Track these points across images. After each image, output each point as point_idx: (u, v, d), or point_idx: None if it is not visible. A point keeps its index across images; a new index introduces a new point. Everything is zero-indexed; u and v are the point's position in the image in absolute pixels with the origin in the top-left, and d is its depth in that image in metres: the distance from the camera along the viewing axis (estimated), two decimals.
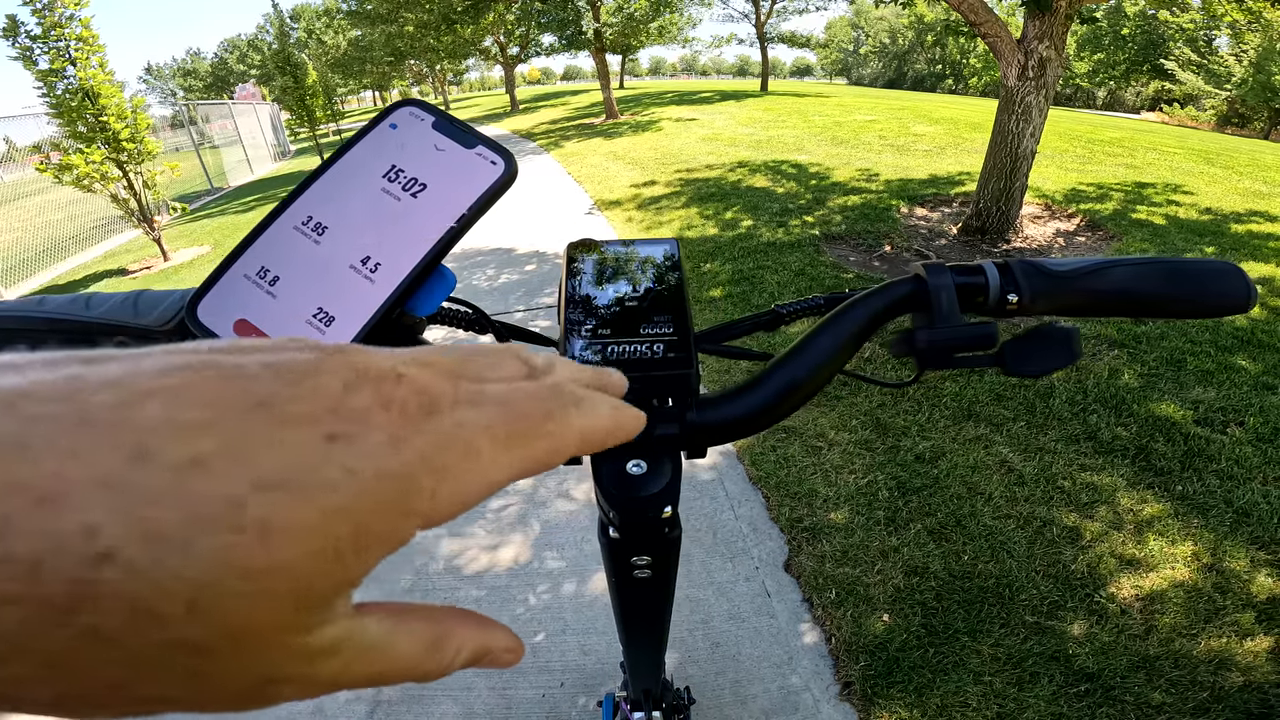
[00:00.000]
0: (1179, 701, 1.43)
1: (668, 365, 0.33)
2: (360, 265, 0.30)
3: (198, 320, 0.30)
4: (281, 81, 12.99)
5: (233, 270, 0.30)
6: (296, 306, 0.30)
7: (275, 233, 0.31)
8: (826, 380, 0.37)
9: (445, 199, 0.31)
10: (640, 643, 0.64)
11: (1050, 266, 0.38)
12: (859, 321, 0.38)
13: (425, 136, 0.32)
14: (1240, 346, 2.82)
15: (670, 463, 0.33)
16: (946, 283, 0.37)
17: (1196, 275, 0.38)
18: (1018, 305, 0.38)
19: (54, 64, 5.11)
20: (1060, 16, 3.63)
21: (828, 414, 2.50)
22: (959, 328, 0.36)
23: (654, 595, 0.46)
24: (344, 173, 0.32)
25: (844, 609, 1.69)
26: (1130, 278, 0.38)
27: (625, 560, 0.39)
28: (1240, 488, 2.02)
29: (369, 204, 0.31)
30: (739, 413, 0.35)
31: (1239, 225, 4.62)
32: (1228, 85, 23.08)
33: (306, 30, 34.40)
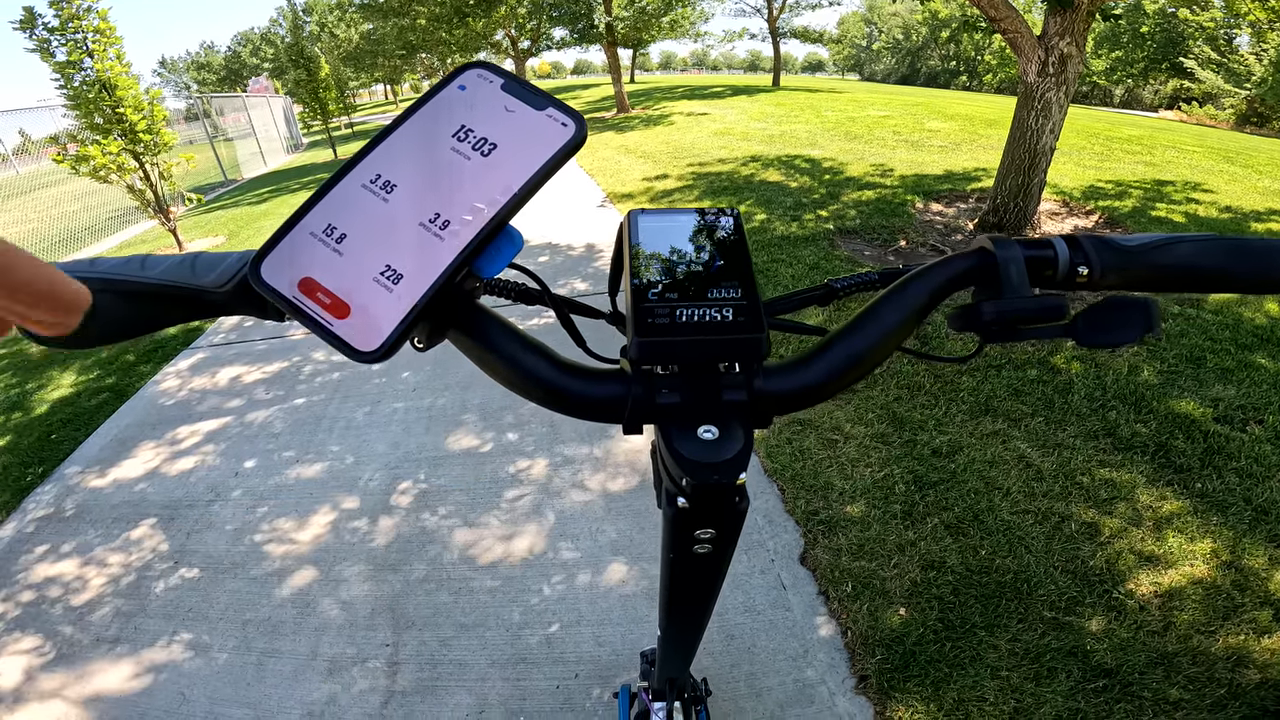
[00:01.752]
0: (1196, 698, 1.42)
1: (738, 329, 0.32)
2: (429, 223, 0.30)
3: (261, 279, 0.30)
4: (294, 75, 13.04)
5: (298, 228, 0.30)
6: (364, 264, 0.29)
7: (343, 190, 0.31)
8: (888, 354, 0.37)
9: (516, 159, 0.31)
10: (682, 626, 0.63)
11: (1119, 241, 0.37)
12: (922, 294, 0.37)
13: (495, 98, 0.32)
14: (1260, 345, 2.78)
15: (742, 429, 0.32)
16: (1016, 255, 0.36)
17: (1261, 252, 0.37)
18: (1087, 279, 0.37)
19: (71, 56, 5.14)
20: (1082, 13, 3.58)
21: (843, 407, 2.49)
22: (1029, 299, 0.35)
23: (709, 572, 0.45)
24: (413, 132, 0.32)
25: (860, 602, 1.68)
26: (1196, 253, 0.37)
27: (688, 533, 0.38)
28: (1260, 485, 2.00)
29: (439, 162, 0.31)
30: (803, 383, 0.35)
31: (1259, 224, 4.55)
32: (1248, 84, 22.71)
33: (319, 23, 34.47)
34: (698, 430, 0.32)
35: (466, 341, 0.35)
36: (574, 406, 0.35)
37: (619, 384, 0.34)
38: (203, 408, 3.00)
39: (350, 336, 0.29)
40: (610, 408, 0.34)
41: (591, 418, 0.35)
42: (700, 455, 0.31)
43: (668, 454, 0.32)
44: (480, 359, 0.36)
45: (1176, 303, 3.17)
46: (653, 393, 0.33)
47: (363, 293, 0.29)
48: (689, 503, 0.34)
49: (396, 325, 0.29)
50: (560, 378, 0.35)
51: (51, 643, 1.81)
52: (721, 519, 0.37)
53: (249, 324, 4.01)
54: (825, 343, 0.36)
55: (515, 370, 0.35)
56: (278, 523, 2.18)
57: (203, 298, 0.33)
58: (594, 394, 0.34)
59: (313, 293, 0.29)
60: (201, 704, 1.60)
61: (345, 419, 2.76)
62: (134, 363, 3.62)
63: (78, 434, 2.91)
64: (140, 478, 2.52)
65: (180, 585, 1.97)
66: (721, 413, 0.33)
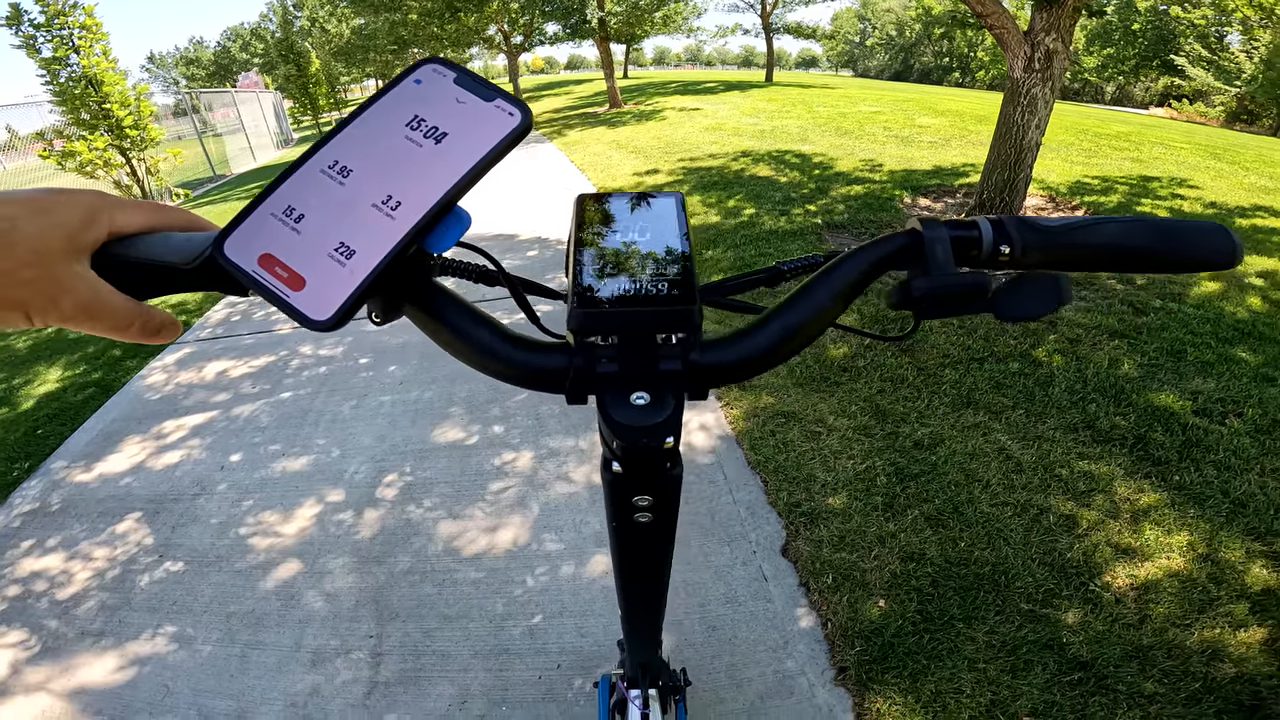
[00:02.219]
0: (1171, 692, 1.43)
1: (672, 302, 0.34)
2: (382, 204, 0.32)
3: (225, 255, 0.32)
4: (285, 70, 12.98)
5: (259, 210, 0.32)
6: (320, 241, 0.32)
7: (302, 176, 0.33)
8: (823, 328, 0.39)
9: (465, 145, 0.33)
10: (638, 604, 0.64)
11: (1041, 222, 0.39)
12: (856, 272, 0.39)
13: (447, 90, 0.34)
14: (1241, 338, 2.81)
15: (673, 397, 0.34)
16: (942, 235, 0.38)
17: (1183, 232, 0.39)
18: (1009, 257, 0.39)
19: (57, 52, 5.13)
20: (1068, 9, 3.60)
21: (827, 399, 2.51)
22: (953, 276, 0.37)
23: (654, 543, 0.47)
24: (369, 123, 0.34)
25: (840, 594, 1.70)
26: (1118, 234, 0.39)
27: (627, 500, 0.40)
28: (1237, 479, 2.02)
29: (392, 149, 0.33)
30: (739, 355, 0.37)
31: (1243, 219, 4.59)
32: (1238, 82, 22.85)
33: (310, 18, 34.19)
34: (630, 397, 0.34)
35: (420, 316, 0.38)
36: (519, 377, 0.37)
37: (562, 356, 0.36)
38: (189, 402, 3.00)
39: (304, 307, 0.31)
40: (553, 378, 0.36)
41: (536, 388, 0.37)
42: (631, 419, 0.33)
43: (602, 420, 0.34)
44: (433, 332, 0.38)
45: (1158, 297, 3.20)
46: (593, 363, 0.35)
47: (317, 267, 0.31)
48: (623, 468, 0.36)
49: (347, 297, 0.31)
50: (506, 349, 0.37)
51: (37, 636, 1.81)
52: (656, 485, 0.38)
53: (236, 319, 3.99)
54: (762, 318, 0.38)
55: (465, 342, 0.37)
56: (263, 516, 2.18)
57: (170, 273, 0.35)
58: (538, 364, 0.36)
59: (271, 267, 0.31)
60: (185, 695, 1.61)
61: (332, 412, 2.76)
62: (120, 358, 3.61)
63: (64, 429, 2.90)
64: (126, 472, 2.52)
65: (165, 579, 1.97)
66: (657, 381, 0.34)
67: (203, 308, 4.27)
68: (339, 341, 3.45)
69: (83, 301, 0.31)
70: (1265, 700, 1.40)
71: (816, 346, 2.88)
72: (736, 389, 2.62)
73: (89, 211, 0.32)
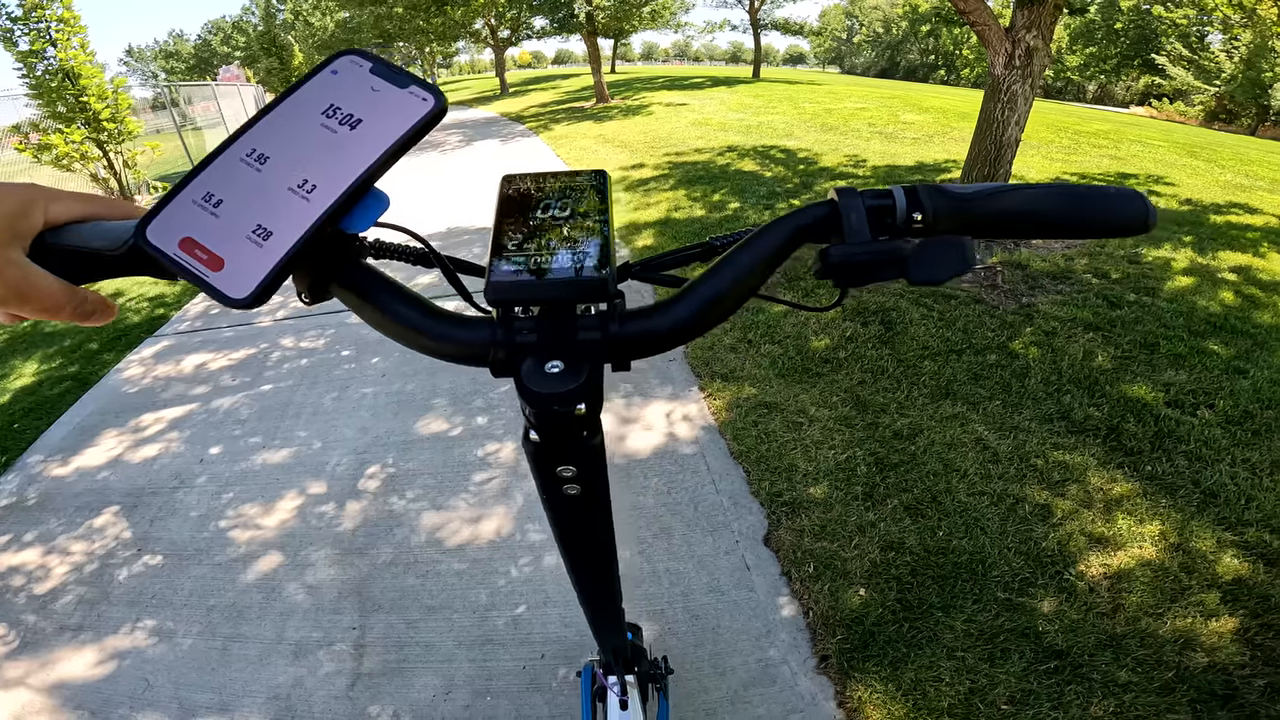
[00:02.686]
0: (1145, 680, 1.45)
1: (588, 274, 0.35)
2: (298, 188, 0.33)
3: (146, 239, 0.33)
4: (267, 63, 12.82)
5: (179, 197, 0.33)
6: (238, 224, 0.33)
7: (220, 164, 0.34)
8: (745, 298, 0.40)
9: (379, 130, 0.34)
10: (591, 584, 0.64)
11: (954, 189, 0.40)
12: (776, 241, 0.40)
13: (363, 79, 0.36)
14: (1213, 331, 2.87)
15: (588, 365, 0.35)
16: (857, 204, 0.39)
17: (1096, 197, 0.40)
18: (922, 223, 0.39)
19: (34, 45, 5.05)
20: (1049, 7, 3.64)
21: (808, 390, 2.53)
22: (868, 244, 0.38)
23: (587, 516, 0.47)
24: (286, 112, 0.35)
25: (822, 583, 1.72)
26: (1031, 200, 0.40)
27: (551, 470, 0.41)
28: (1208, 469, 2.07)
29: (308, 136, 0.34)
30: (659, 326, 0.38)
31: (1218, 216, 4.68)
32: (1217, 81, 23.24)
33: (293, 11, 33.73)
34: (546, 365, 0.35)
35: (348, 295, 0.39)
36: (444, 351, 0.38)
37: (486, 329, 0.37)
38: (167, 395, 2.96)
39: (223, 286, 0.32)
40: (477, 351, 0.37)
41: (461, 361, 0.38)
42: (543, 386, 0.34)
43: (518, 388, 0.35)
44: (359, 309, 0.39)
45: (1133, 291, 3.26)
46: (513, 334, 0.36)
47: (236, 248, 0.32)
48: (540, 436, 0.38)
49: (265, 275, 0.32)
50: (431, 325, 0.38)
51: (15, 631, 1.79)
52: (575, 454, 0.39)
53: (215, 311, 3.95)
54: (683, 290, 0.39)
55: (390, 319, 0.38)
56: (244, 509, 2.16)
57: (97, 259, 0.36)
58: (462, 338, 0.37)
59: (192, 250, 0.32)
60: (165, 689, 1.60)
61: (313, 405, 2.74)
62: (97, 351, 3.56)
63: (39, 423, 2.85)
64: (104, 465, 2.48)
65: (144, 572, 1.95)
66: (576, 351, 0.35)
67: (181, 300, 4.22)
68: (320, 334, 3.43)
69: (13, 284, 0.33)
70: (1239, 690, 1.42)
71: (798, 338, 2.90)
72: (718, 380, 2.63)
73: (23, 203, 0.34)
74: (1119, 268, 3.56)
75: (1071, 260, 3.67)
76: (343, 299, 0.39)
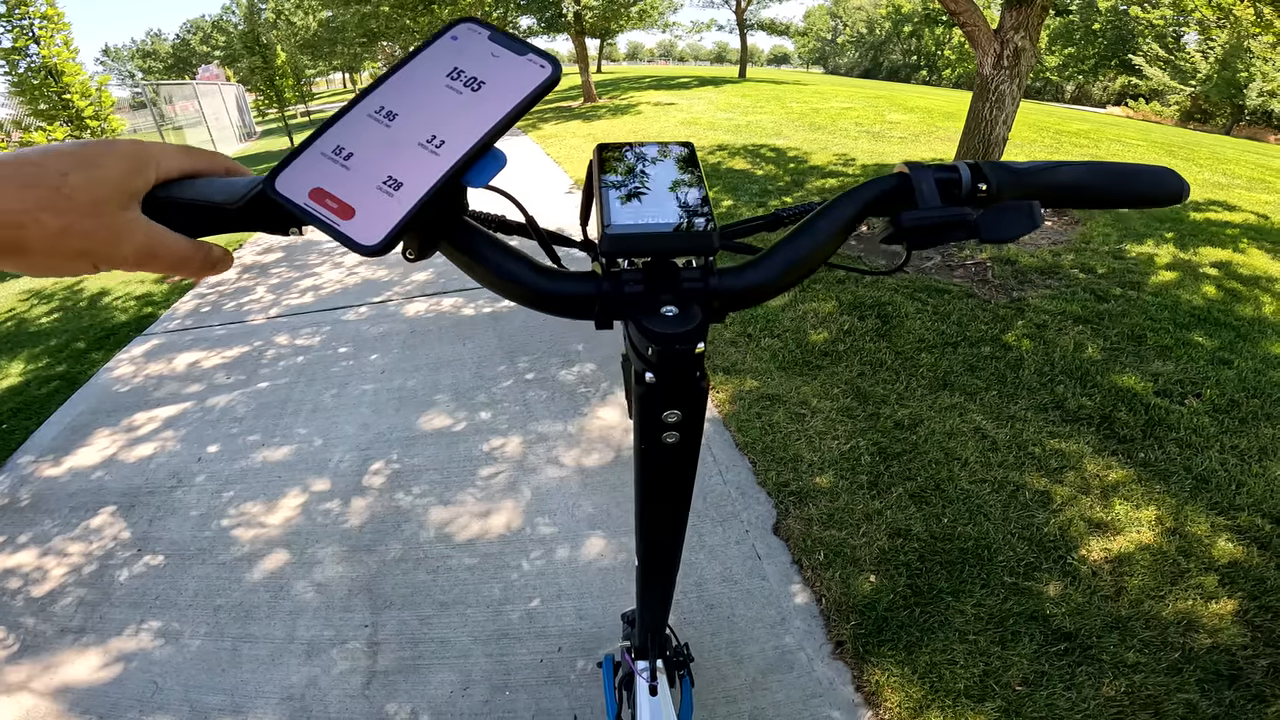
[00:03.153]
0: (1152, 661, 1.48)
1: (693, 228, 0.38)
2: (427, 143, 0.35)
3: (276, 190, 0.34)
4: (250, 62, 12.65)
5: (309, 150, 0.35)
6: (369, 175, 0.34)
7: (350, 120, 0.36)
8: (821, 260, 0.44)
9: (501, 92, 0.36)
10: (657, 550, 0.65)
11: (1013, 165, 0.45)
12: (851, 210, 0.44)
13: (483, 45, 0.38)
14: (1197, 324, 2.94)
15: (699, 309, 0.38)
16: (927, 175, 0.43)
17: (1135, 173, 0.46)
18: (986, 193, 0.43)
19: (17, 42, 4.97)
20: (1036, 8, 3.71)
21: (810, 383, 2.56)
22: (939, 208, 0.42)
23: (679, 467, 0.49)
24: (412, 73, 0.37)
25: (832, 570, 1.74)
26: (1079, 173, 0.46)
27: (656, 415, 0.42)
28: (1199, 455, 2.12)
29: (435, 96, 0.36)
30: (750, 282, 0.41)
31: (1198, 214, 4.80)
32: (1193, 81, 23.72)
33: (275, 10, 33.28)
34: (661, 309, 0.37)
35: (454, 252, 0.40)
36: (551, 304, 0.40)
37: (591, 283, 0.39)
38: (160, 394, 2.92)
39: (355, 233, 0.33)
40: (583, 304, 0.40)
41: (567, 314, 0.40)
42: (665, 328, 0.36)
43: (636, 333, 0.37)
44: (468, 266, 0.41)
45: (1119, 285, 3.33)
46: (620, 286, 0.38)
47: (367, 198, 0.34)
48: (655, 377, 0.39)
49: (396, 223, 0.33)
50: (538, 280, 0.40)
51: (14, 635, 1.76)
52: (685, 397, 0.41)
53: (206, 309, 3.89)
54: (769, 251, 0.43)
55: (499, 275, 0.40)
56: (245, 507, 2.14)
57: (218, 213, 0.37)
58: (568, 291, 0.40)
59: (322, 200, 0.34)
60: (175, 692, 1.58)
61: (312, 402, 2.72)
62: (84, 350, 3.49)
63: (29, 423, 2.80)
64: (97, 465, 2.44)
65: (145, 573, 1.93)
66: (681, 299, 0.38)
67: (170, 299, 4.15)
68: (315, 331, 3.39)
69: (141, 245, 0.34)
70: (1243, 670, 1.46)
71: (797, 333, 2.93)
72: (721, 374, 2.65)
73: (134, 160, 0.34)
74: (1104, 263, 3.63)
75: (1059, 255, 3.74)
76: (451, 256, 0.41)
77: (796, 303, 3.23)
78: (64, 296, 4.51)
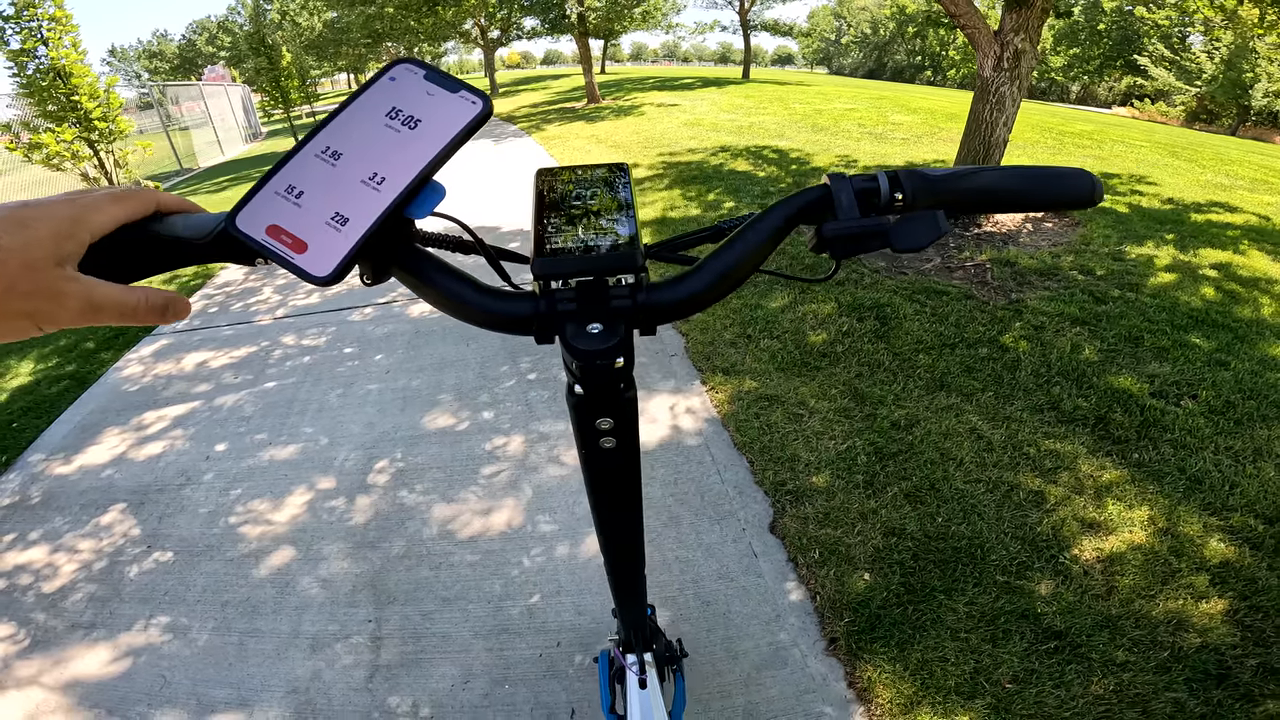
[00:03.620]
0: (1142, 660, 1.50)
1: (619, 249, 0.41)
2: (369, 180, 0.38)
3: (237, 227, 0.37)
4: (255, 63, 12.72)
5: (264, 190, 0.38)
6: (318, 212, 0.38)
7: (299, 160, 0.39)
8: (750, 271, 0.46)
9: (436, 129, 0.39)
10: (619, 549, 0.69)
11: (928, 172, 0.47)
12: (778, 221, 0.47)
13: (419, 85, 0.41)
14: (1195, 325, 2.96)
15: (623, 326, 0.41)
16: (846, 186, 0.46)
17: (1048, 176, 0.47)
18: (903, 202, 0.46)
19: (25, 44, 5.02)
20: (1036, 10, 3.73)
21: (808, 383, 2.59)
22: (855, 220, 0.44)
23: (621, 469, 0.52)
24: (354, 114, 0.40)
25: (827, 568, 1.77)
26: (993, 179, 0.47)
27: (590, 423, 0.46)
28: (1193, 456, 2.14)
29: (376, 135, 0.39)
30: (678, 295, 0.44)
31: (1199, 215, 4.80)
32: (1198, 82, 23.63)
33: (280, 11, 33.43)
34: (587, 327, 0.40)
35: (406, 276, 0.44)
36: (493, 323, 0.44)
37: (529, 302, 0.43)
38: (169, 393, 2.96)
39: (307, 265, 0.37)
40: (522, 321, 0.43)
41: (509, 331, 0.44)
42: (587, 344, 0.40)
43: (564, 348, 0.40)
44: (417, 289, 0.44)
45: (1117, 287, 3.35)
46: (554, 304, 0.41)
47: (317, 233, 0.37)
48: (583, 389, 0.43)
49: (344, 255, 0.37)
50: (481, 300, 0.43)
51: (25, 630, 1.80)
52: (613, 405, 0.45)
53: (214, 310, 3.94)
54: (698, 265, 0.45)
55: (444, 295, 0.43)
56: (253, 504, 2.18)
57: (187, 247, 0.41)
58: (509, 311, 0.43)
59: (278, 235, 0.37)
60: (183, 685, 1.61)
61: (318, 401, 2.76)
62: (94, 350, 3.55)
63: (39, 421, 2.85)
64: (107, 464, 2.49)
65: (155, 569, 1.97)
66: (610, 317, 0.41)
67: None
68: (322, 331, 3.44)
69: (82, 301, 0.34)
70: (1231, 670, 1.48)
71: (796, 333, 2.96)
72: (720, 374, 2.68)
73: (66, 220, 0.34)
74: (1104, 264, 3.65)
75: (1058, 257, 3.75)
76: (402, 279, 0.44)
77: (796, 304, 3.25)
78: None
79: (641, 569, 0.79)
